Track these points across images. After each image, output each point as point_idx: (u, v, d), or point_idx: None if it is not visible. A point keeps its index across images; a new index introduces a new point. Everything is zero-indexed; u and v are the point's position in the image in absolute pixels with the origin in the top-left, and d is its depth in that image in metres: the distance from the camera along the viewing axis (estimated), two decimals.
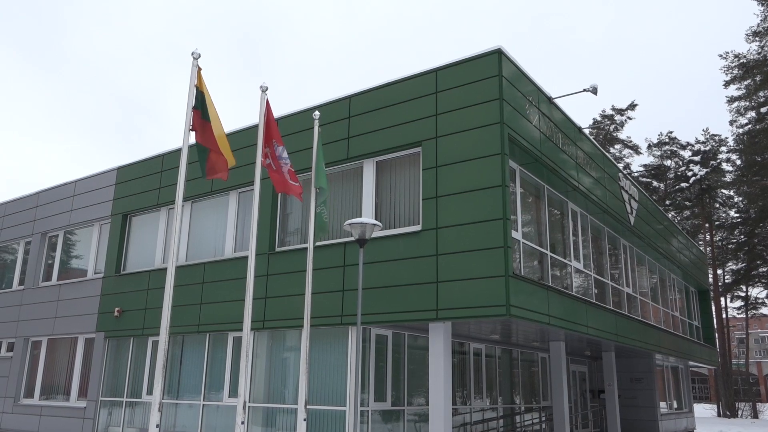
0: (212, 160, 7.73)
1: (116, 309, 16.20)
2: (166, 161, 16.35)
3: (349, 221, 9.64)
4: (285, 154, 9.13)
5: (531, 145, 11.52)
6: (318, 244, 10.24)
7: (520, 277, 10.46)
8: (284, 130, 13.78)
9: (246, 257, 13.34)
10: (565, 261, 13.61)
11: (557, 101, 13.07)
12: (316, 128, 10.13)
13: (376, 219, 11.86)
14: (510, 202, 10.65)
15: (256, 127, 14.05)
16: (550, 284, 12.10)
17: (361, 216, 12.12)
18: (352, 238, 11.77)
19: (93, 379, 16.40)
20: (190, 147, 7.61)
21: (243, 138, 14.47)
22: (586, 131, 14.88)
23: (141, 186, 16.86)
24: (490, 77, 10.87)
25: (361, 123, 12.55)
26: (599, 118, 46.68)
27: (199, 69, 7.73)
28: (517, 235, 11.28)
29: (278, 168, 8.99)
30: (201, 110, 7.59)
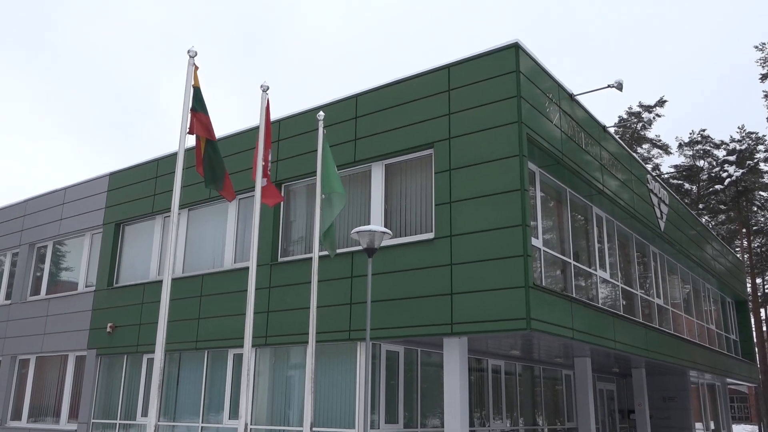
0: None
1: (109, 325, 16.28)
2: (161, 166, 16.46)
3: (357, 229, 9.65)
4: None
5: (551, 145, 11.50)
6: (323, 254, 10.25)
7: (541, 288, 10.41)
8: (286, 131, 13.84)
9: (246, 268, 13.37)
10: (590, 270, 13.55)
11: (579, 98, 13.05)
12: (320, 130, 10.17)
13: (385, 226, 11.87)
14: (529, 207, 10.62)
15: (256, 129, 14.11)
16: (574, 295, 12.04)
17: (369, 223, 12.13)
18: (359, 247, 11.78)
19: (84, 400, 16.48)
20: (187, 150, 7.67)
21: (242, 141, 14.54)
22: (611, 130, 14.85)
23: (135, 193, 16.98)
24: (507, 73, 10.88)
25: (369, 124, 12.58)
26: (625, 116, 46.51)
27: (196, 68, 7.82)
28: (537, 242, 11.25)
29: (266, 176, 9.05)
30: (200, 106, 7.73)
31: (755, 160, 45.36)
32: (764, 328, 44.26)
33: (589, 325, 11.98)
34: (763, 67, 42.16)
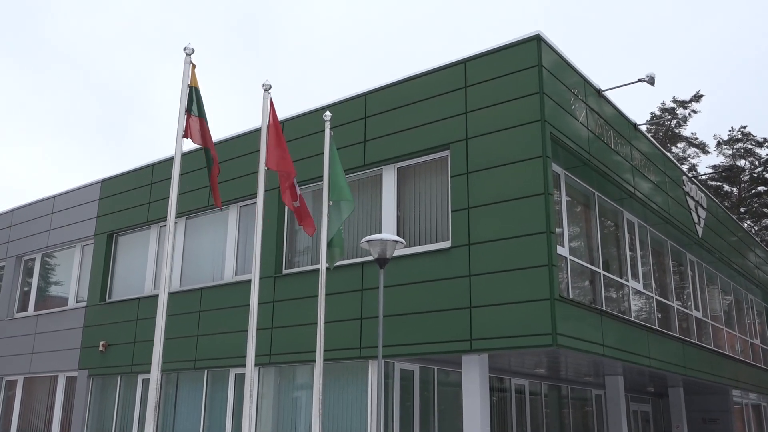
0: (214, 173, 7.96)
1: (101, 343, 16.38)
2: (157, 172, 16.58)
3: (367, 238, 9.67)
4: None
5: (578, 145, 11.48)
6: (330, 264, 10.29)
7: (568, 301, 10.38)
8: (290, 133, 13.90)
9: (248, 281, 13.39)
10: (622, 281, 13.48)
11: (607, 94, 13.03)
12: (327, 131, 10.21)
13: (398, 235, 11.88)
14: (554, 212, 10.60)
15: (258, 130, 14.19)
16: (604, 308, 11.98)
17: (380, 231, 12.15)
18: (370, 258, 11.79)
19: (75, 424, 16.57)
20: (184, 155, 7.73)
21: (244, 143, 14.62)
22: (643, 128, 14.82)
23: (128, 201, 17.10)
24: (528, 68, 10.88)
25: (380, 124, 12.62)
26: (658, 113, 46.31)
27: (193, 66, 7.89)
28: (563, 250, 11.22)
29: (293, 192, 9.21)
30: (198, 109, 7.80)
31: None
32: None
33: (621, 340, 11.91)
34: None
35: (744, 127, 48.09)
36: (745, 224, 44.09)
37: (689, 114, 46.22)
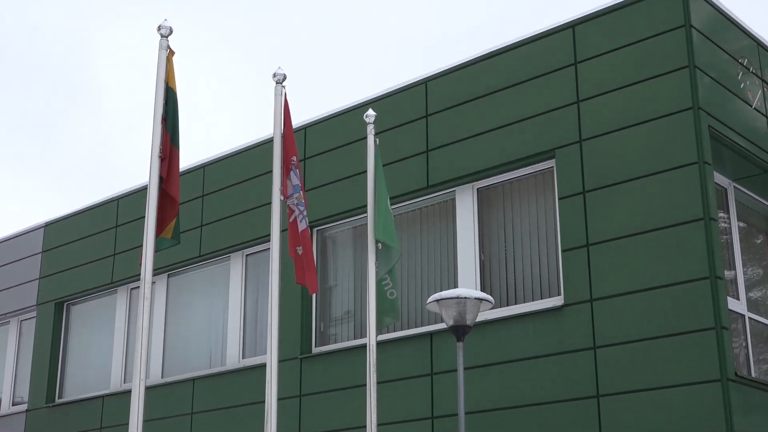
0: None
1: None
2: (124, 209, 16.83)
3: (437, 296, 9.66)
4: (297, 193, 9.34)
5: (751, 143, 11.34)
6: (382, 338, 10.33)
7: (749, 381, 10.19)
8: (315, 144, 14.00)
9: (263, 366, 13.47)
10: None
11: None
12: (370, 139, 10.28)
13: (482, 289, 11.83)
14: (721, 247, 10.43)
15: (268, 142, 14.37)
16: None
17: (456, 285, 12.12)
18: (443, 326, 11.75)
19: None
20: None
21: (248, 163, 14.77)
22: None
23: (84, 253, 17.37)
24: (670, 30, 10.83)
25: (448, 125, 12.66)
26: None
27: (171, 53, 8.03)
28: (738, 305, 11.03)
29: (293, 222, 9.26)
30: (171, 126, 7.93)
31: None
32: None
33: None
34: None
35: None
36: None
37: None
